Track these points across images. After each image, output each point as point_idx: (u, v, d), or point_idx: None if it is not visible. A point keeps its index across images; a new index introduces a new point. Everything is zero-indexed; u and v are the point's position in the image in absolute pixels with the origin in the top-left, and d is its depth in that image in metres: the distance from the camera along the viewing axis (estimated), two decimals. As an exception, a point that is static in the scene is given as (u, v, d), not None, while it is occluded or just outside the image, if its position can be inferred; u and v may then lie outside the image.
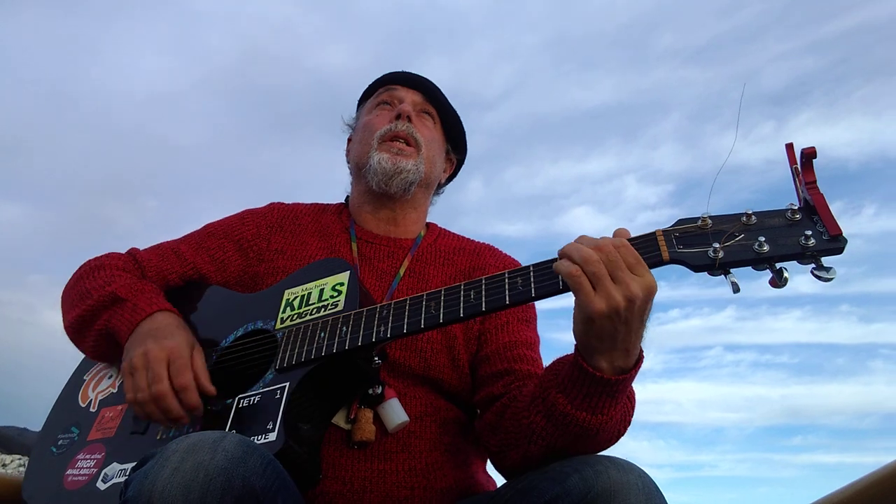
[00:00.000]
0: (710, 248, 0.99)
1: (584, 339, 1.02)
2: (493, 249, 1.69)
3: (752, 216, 1.01)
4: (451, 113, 1.78)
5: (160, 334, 1.27)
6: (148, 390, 1.19)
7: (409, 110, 1.66)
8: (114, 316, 1.35)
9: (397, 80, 1.76)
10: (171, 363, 1.21)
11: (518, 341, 1.44)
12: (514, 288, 1.11)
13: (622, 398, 1.09)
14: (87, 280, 1.46)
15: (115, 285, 1.39)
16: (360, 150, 1.68)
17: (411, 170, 1.60)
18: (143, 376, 1.20)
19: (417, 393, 1.37)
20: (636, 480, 0.96)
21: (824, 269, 0.95)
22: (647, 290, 0.98)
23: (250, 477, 0.92)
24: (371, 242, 1.60)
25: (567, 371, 1.07)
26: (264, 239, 1.60)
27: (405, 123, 1.63)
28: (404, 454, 1.30)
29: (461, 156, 1.85)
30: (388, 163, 1.58)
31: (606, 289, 0.97)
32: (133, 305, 1.34)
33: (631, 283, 0.97)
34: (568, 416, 1.06)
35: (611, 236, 1.08)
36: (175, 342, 1.24)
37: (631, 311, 0.97)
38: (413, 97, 1.71)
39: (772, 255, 0.96)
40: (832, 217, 0.96)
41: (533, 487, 1.05)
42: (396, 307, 1.21)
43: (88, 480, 1.27)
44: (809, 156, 0.99)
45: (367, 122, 1.70)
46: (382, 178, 1.58)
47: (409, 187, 1.61)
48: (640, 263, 0.99)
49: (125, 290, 1.38)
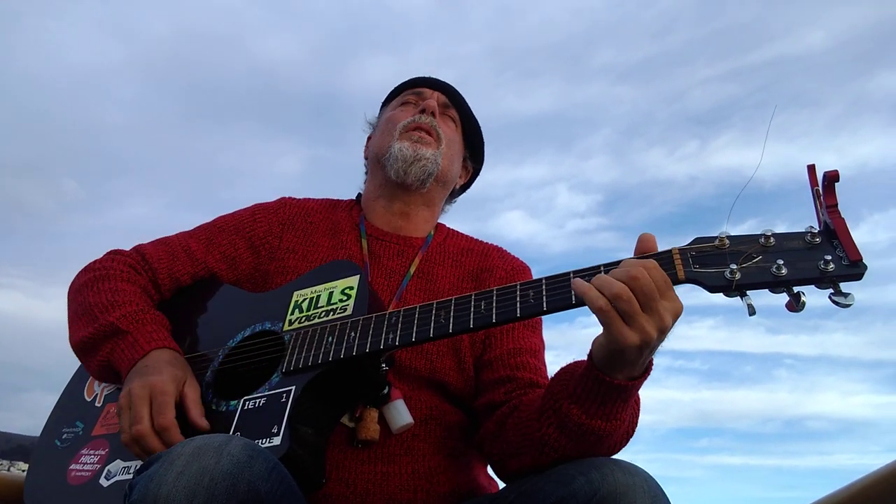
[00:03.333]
0: (727, 269, 0.98)
1: (607, 362, 1.01)
2: (501, 251, 1.68)
3: (770, 238, 0.99)
4: (472, 120, 1.79)
5: (147, 371, 1.23)
6: (129, 431, 1.15)
7: (434, 106, 1.68)
8: (115, 350, 1.32)
9: (424, 83, 1.77)
10: (152, 402, 1.16)
11: (522, 348, 1.44)
12: (525, 301, 1.10)
13: (632, 401, 1.09)
14: (91, 292, 1.41)
15: (116, 314, 1.34)
16: (381, 141, 1.68)
17: (430, 158, 1.60)
18: (126, 417, 1.17)
19: (423, 395, 1.37)
20: (641, 483, 0.96)
21: (842, 295, 0.93)
22: (677, 315, 0.98)
23: (255, 481, 0.92)
24: (381, 240, 1.60)
25: (580, 381, 1.06)
26: (276, 237, 1.59)
27: (429, 117, 1.65)
28: (408, 457, 1.30)
29: (478, 166, 1.85)
30: (409, 149, 1.59)
31: (640, 324, 0.95)
32: (133, 341, 1.30)
33: (664, 313, 0.96)
34: (583, 426, 1.05)
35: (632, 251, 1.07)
36: (159, 379, 1.20)
37: (661, 339, 0.97)
38: (438, 98, 1.73)
39: (790, 278, 0.95)
40: (853, 242, 0.94)
41: (538, 490, 1.05)
42: (406, 315, 1.20)
43: (91, 476, 1.27)
44: (832, 179, 0.97)
45: (391, 116, 1.71)
46: (402, 164, 1.59)
47: (426, 178, 1.61)
48: (669, 287, 0.98)
49: (126, 322, 1.33)
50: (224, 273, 1.55)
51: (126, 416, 1.17)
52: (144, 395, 1.17)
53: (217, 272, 1.55)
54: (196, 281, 1.55)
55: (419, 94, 1.74)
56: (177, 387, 1.21)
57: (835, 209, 0.97)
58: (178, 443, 0.95)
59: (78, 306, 1.42)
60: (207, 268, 1.54)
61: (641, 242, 1.06)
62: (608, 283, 0.96)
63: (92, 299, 1.39)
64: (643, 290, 0.94)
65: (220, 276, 1.55)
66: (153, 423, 1.15)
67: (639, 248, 1.06)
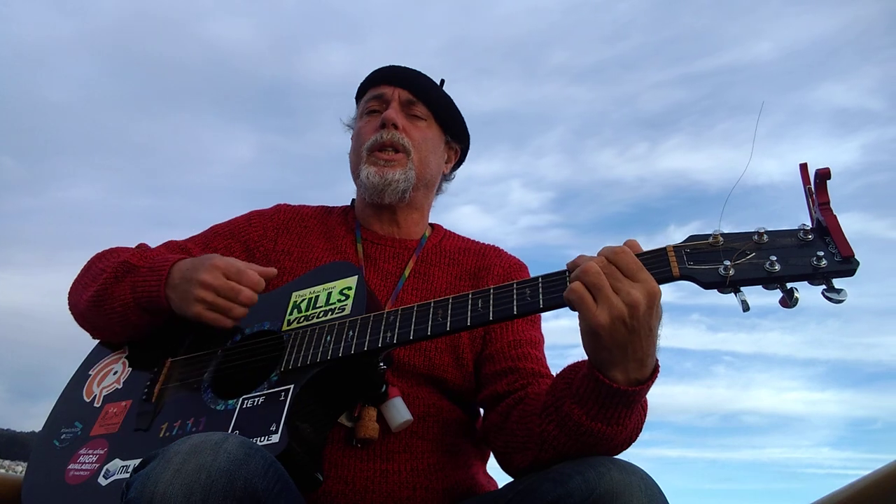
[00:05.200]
0: (721, 266, 0.99)
1: (595, 353, 1.02)
2: (497, 250, 1.69)
3: (763, 235, 1.00)
4: (443, 104, 1.71)
5: (196, 268, 1.34)
6: (237, 304, 1.31)
7: (394, 117, 1.61)
8: (137, 285, 1.40)
9: (384, 79, 1.69)
10: (227, 275, 1.31)
11: (522, 340, 1.45)
12: (522, 298, 1.11)
13: (637, 408, 1.09)
14: (98, 262, 1.54)
15: (125, 256, 1.47)
16: (353, 160, 1.68)
17: (400, 179, 1.58)
18: (222, 301, 1.30)
19: (421, 393, 1.37)
20: (639, 482, 0.96)
21: (835, 291, 0.94)
22: (650, 295, 0.97)
23: (252, 479, 0.92)
24: (376, 243, 1.61)
25: (581, 381, 1.06)
26: (271, 240, 1.61)
27: (390, 132, 1.60)
28: (406, 454, 1.31)
29: (463, 143, 1.80)
30: (376, 177, 1.57)
31: (608, 298, 0.96)
32: (149, 269, 1.41)
33: (631, 289, 0.96)
34: (583, 426, 1.06)
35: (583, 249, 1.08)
36: (216, 260, 1.33)
37: (635, 318, 0.96)
38: (400, 95, 1.65)
39: (783, 274, 0.96)
40: (845, 239, 0.95)
41: (535, 489, 1.05)
42: (404, 314, 1.21)
43: (90, 476, 1.27)
44: (823, 176, 0.98)
45: (358, 130, 1.69)
46: (373, 192, 1.59)
47: (402, 195, 1.60)
48: (641, 269, 0.99)
49: (136, 258, 1.46)
50: None
51: (221, 301, 1.31)
52: (217, 275, 1.31)
53: None
54: None
55: (380, 97, 1.67)
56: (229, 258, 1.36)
57: (827, 206, 0.99)
58: (176, 441, 0.95)
59: (87, 278, 1.53)
60: None
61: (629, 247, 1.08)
62: (581, 261, 1.03)
63: (99, 265, 1.52)
64: (611, 270, 0.98)
65: None
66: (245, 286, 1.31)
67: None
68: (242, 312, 1.32)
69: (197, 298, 1.31)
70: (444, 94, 1.72)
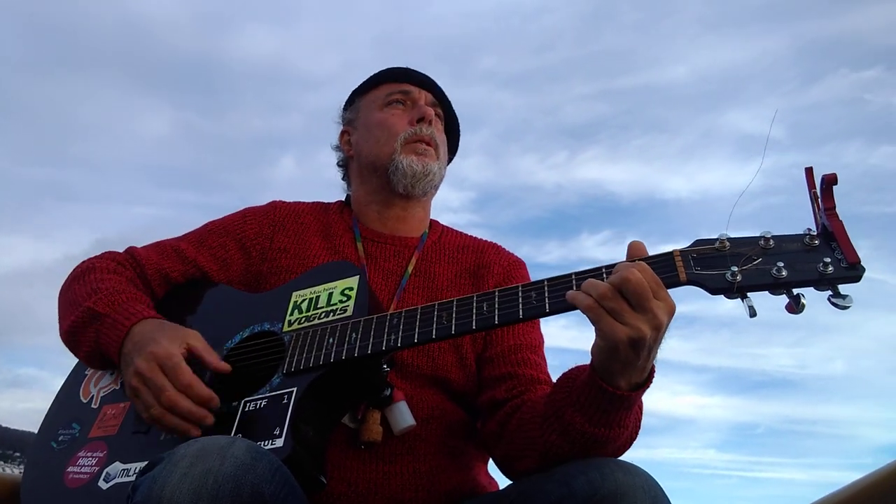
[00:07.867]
0: (728, 271, 0.99)
1: (606, 364, 1.02)
2: (496, 247, 1.69)
3: (770, 240, 1.01)
4: (453, 116, 1.79)
5: (142, 345, 1.22)
6: (158, 405, 1.15)
7: (433, 115, 1.65)
8: (100, 334, 1.31)
9: (408, 78, 1.72)
10: (163, 369, 1.16)
11: (523, 344, 1.45)
12: (527, 302, 1.11)
13: (635, 408, 1.10)
14: (78, 284, 1.44)
15: (93, 298, 1.34)
16: (377, 150, 1.63)
17: (437, 172, 1.62)
18: (145, 394, 1.16)
19: (425, 395, 1.37)
20: (642, 483, 0.97)
21: (841, 297, 0.95)
22: (671, 313, 0.99)
23: (259, 483, 0.92)
24: (377, 241, 1.60)
25: (581, 389, 1.07)
26: (267, 238, 1.59)
27: (430, 128, 1.63)
28: (409, 456, 1.31)
29: (452, 154, 1.85)
30: (418, 165, 1.57)
31: (631, 321, 0.96)
32: (112, 322, 1.30)
33: (658, 311, 0.97)
34: (586, 433, 1.07)
35: (624, 254, 1.08)
36: (158, 346, 1.19)
37: (656, 338, 0.98)
38: (426, 97, 1.70)
39: (790, 280, 0.96)
40: (851, 244, 0.96)
41: (538, 489, 1.06)
42: (407, 316, 1.20)
43: (90, 479, 1.26)
44: (830, 182, 0.99)
45: (382, 119, 1.65)
46: (411, 180, 1.57)
47: (434, 188, 1.64)
48: (661, 287, 1.00)
49: (102, 304, 1.33)
50: (216, 274, 1.54)
51: (145, 393, 1.17)
52: (153, 366, 1.17)
53: (208, 272, 1.54)
54: (189, 280, 1.54)
55: (406, 93, 1.68)
56: (179, 345, 1.21)
57: (833, 212, 0.99)
58: (182, 444, 0.95)
59: (67, 300, 1.44)
60: (198, 266, 1.53)
61: (632, 249, 1.09)
62: (594, 286, 1.00)
63: (77, 289, 1.42)
64: (635, 290, 0.96)
65: (212, 276, 1.54)
66: (176, 388, 1.15)
67: (630, 254, 1.10)
68: (160, 413, 1.15)
69: (129, 382, 1.21)
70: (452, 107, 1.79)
